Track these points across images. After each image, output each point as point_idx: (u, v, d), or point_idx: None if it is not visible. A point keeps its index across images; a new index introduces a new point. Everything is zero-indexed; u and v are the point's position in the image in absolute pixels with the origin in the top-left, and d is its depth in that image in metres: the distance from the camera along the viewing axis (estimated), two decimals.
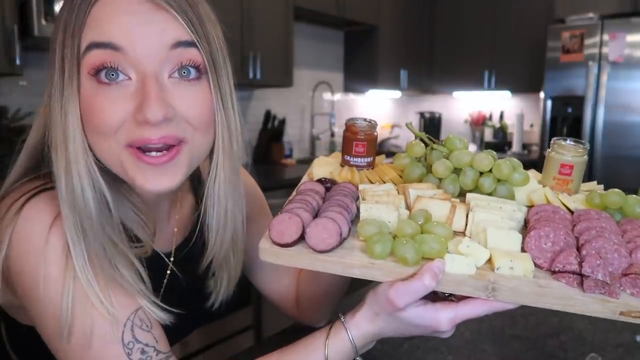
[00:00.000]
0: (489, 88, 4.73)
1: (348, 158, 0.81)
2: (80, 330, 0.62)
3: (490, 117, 5.09)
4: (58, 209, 0.63)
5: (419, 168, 0.77)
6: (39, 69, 2.43)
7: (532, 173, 0.78)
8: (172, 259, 0.81)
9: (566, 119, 3.88)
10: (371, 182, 0.77)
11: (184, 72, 0.62)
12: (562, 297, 0.56)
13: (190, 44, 0.62)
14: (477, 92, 4.92)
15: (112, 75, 0.60)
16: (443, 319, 0.60)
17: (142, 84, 0.60)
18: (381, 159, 0.86)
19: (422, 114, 5.26)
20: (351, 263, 0.60)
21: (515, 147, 4.47)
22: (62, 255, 0.62)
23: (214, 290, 0.83)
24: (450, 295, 0.63)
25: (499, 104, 5.06)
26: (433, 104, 5.44)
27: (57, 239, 0.62)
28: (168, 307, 0.68)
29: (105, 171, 0.65)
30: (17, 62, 2.09)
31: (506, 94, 4.90)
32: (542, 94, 3.99)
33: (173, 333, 0.82)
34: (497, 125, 4.96)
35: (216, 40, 0.66)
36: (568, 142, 0.73)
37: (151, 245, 0.73)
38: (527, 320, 1.10)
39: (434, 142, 0.78)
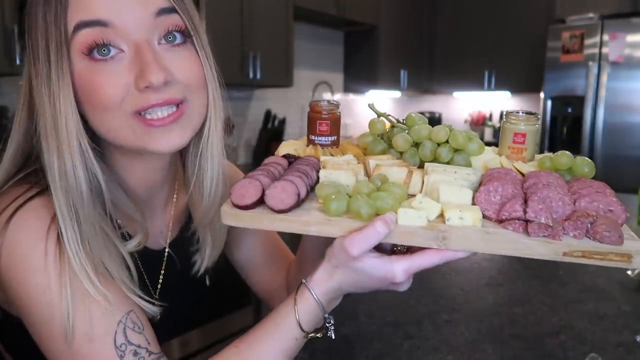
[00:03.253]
0: (489, 88, 4.73)
1: (313, 137, 0.82)
2: (81, 326, 0.62)
3: (490, 117, 5.09)
4: (49, 216, 0.64)
5: (381, 144, 0.79)
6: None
7: (490, 147, 0.82)
8: (167, 251, 0.82)
9: (566, 119, 3.88)
10: None
11: (170, 38, 0.65)
12: (508, 241, 0.58)
13: (171, 10, 0.65)
14: (477, 92, 4.92)
15: (104, 50, 0.61)
16: (398, 269, 0.61)
17: (137, 52, 0.62)
18: (347, 141, 0.88)
19: (422, 114, 5.26)
20: (308, 220, 0.61)
21: None
22: (57, 260, 0.63)
23: (199, 257, 0.84)
24: (407, 251, 0.65)
25: (499, 104, 5.06)
26: (433, 104, 5.44)
27: (52, 247, 0.63)
28: (149, 299, 0.69)
29: (98, 160, 0.66)
30: (17, 62, 2.09)
31: (506, 94, 4.91)
32: (542, 94, 3.99)
33: (171, 328, 0.83)
34: (497, 125, 4.96)
35: (192, 5, 0.69)
36: (520, 112, 0.77)
37: (146, 236, 0.74)
38: (526, 320, 1.10)
39: (396, 121, 0.81)
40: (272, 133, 3.66)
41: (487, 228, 0.59)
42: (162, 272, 0.82)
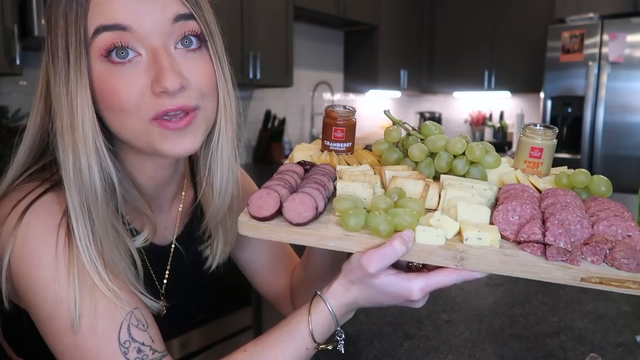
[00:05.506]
0: (489, 88, 4.73)
1: (328, 143, 0.83)
2: (87, 321, 0.63)
3: (490, 117, 5.09)
4: (60, 212, 0.65)
5: (396, 152, 0.79)
6: (39, 69, 2.43)
7: (506, 159, 0.81)
8: (173, 247, 0.84)
9: (566, 119, 3.88)
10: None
11: (186, 42, 0.66)
12: (526, 264, 0.58)
13: (189, 16, 0.66)
14: (477, 92, 4.92)
15: (123, 53, 0.62)
16: (415, 287, 0.62)
17: (154, 57, 0.63)
18: (361, 146, 0.88)
19: (422, 114, 5.27)
20: (326, 235, 0.62)
21: (515, 147, 4.48)
22: (66, 254, 0.64)
23: (210, 253, 0.85)
24: (423, 267, 0.65)
25: (499, 104, 5.06)
26: (433, 104, 5.45)
27: (62, 241, 0.64)
28: (152, 297, 0.71)
29: (112, 158, 0.68)
30: (17, 62, 2.09)
31: (506, 94, 4.91)
32: (542, 94, 3.99)
33: (175, 325, 0.83)
34: (497, 125, 4.96)
35: (209, 11, 0.70)
36: (538, 126, 0.76)
37: (154, 231, 0.76)
38: (526, 320, 1.10)
39: (411, 129, 0.80)
40: (272, 133, 3.66)
41: (505, 249, 0.60)
42: (169, 267, 0.83)
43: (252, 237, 0.64)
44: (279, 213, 0.63)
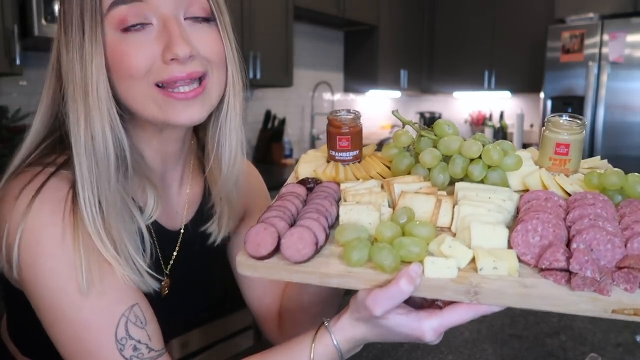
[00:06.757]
0: (489, 88, 4.73)
1: (333, 153, 0.77)
2: (88, 315, 0.64)
3: (490, 117, 5.09)
4: (64, 195, 0.66)
5: (407, 158, 0.73)
6: (39, 69, 2.43)
7: (530, 152, 0.74)
8: (182, 232, 0.84)
9: None
10: (357, 178, 0.75)
11: (196, 16, 0.69)
12: (548, 297, 0.52)
13: None
14: (477, 92, 4.92)
15: (136, 24, 0.65)
16: (427, 328, 0.57)
17: (164, 26, 0.66)
18: (371, 148, 0.83)
19: (422, 114, 5.26)
20: (328, 273, 0.57)
21: (515, 146, 4.48)
22: (72, 240, 0.64)
23: (217, 224, 0.85)
24: (436, 300, 0.59)
25: (499, 104, 5.06)
26: (433, 104, 5.44)
27: (69, 223, 0.65)
28: (156, 274, 0.70)
29: (123, 126, 0.69)
30: (17, 62, 2.09)
31: (506, 94, 4.90)
32: (542, 94, 3.99)
33: (178, 315, 0.84)
34: (497, 125, 4.96)
35: None
36: (563, 118, 0.68)
37: (157, 201, 0.76)
38: (526, 320, 1.10)
39: (422, 129, 0.74)
40: (272, 133, 3.66)
41: (524, 279, 0.53)
42: (177, 249, 0.84)
43: (251, 276, 0.60)
44: (277, 250, 0.59)
